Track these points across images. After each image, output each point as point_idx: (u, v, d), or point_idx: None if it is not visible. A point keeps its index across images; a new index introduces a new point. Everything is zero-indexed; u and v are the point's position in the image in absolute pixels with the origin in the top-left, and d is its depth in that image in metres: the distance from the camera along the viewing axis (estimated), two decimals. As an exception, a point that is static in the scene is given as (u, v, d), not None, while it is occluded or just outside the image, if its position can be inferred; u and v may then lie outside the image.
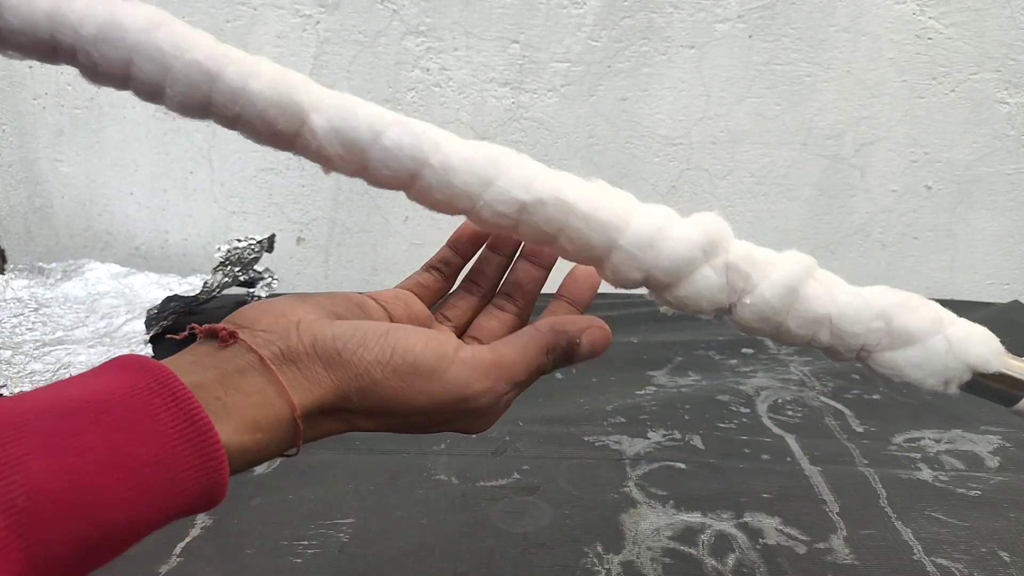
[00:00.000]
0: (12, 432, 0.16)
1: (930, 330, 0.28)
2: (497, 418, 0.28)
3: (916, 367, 0.28)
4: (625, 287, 0.28)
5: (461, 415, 0.25)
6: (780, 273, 0.28)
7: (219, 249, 0.70)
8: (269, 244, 0.76)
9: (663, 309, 0.30)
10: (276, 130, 0.26)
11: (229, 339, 0.22)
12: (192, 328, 0.23)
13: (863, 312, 0.28)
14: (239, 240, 0.72)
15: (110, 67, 0.25)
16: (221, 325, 0.23)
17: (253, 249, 0.73)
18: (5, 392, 0.57)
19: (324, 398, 0.22)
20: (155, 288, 0.77)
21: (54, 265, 0.78)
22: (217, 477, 0.19)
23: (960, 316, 0.30)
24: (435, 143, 0.27)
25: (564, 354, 0.27)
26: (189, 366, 0.21)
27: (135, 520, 0.17)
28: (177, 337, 0.23)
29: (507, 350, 0.26)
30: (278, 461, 0.52)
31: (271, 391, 0.21)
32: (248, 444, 0.20)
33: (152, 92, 0.25)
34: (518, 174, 0.28)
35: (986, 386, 0.30)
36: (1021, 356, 0.37)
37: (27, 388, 0.57)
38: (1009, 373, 0.30)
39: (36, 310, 0.73)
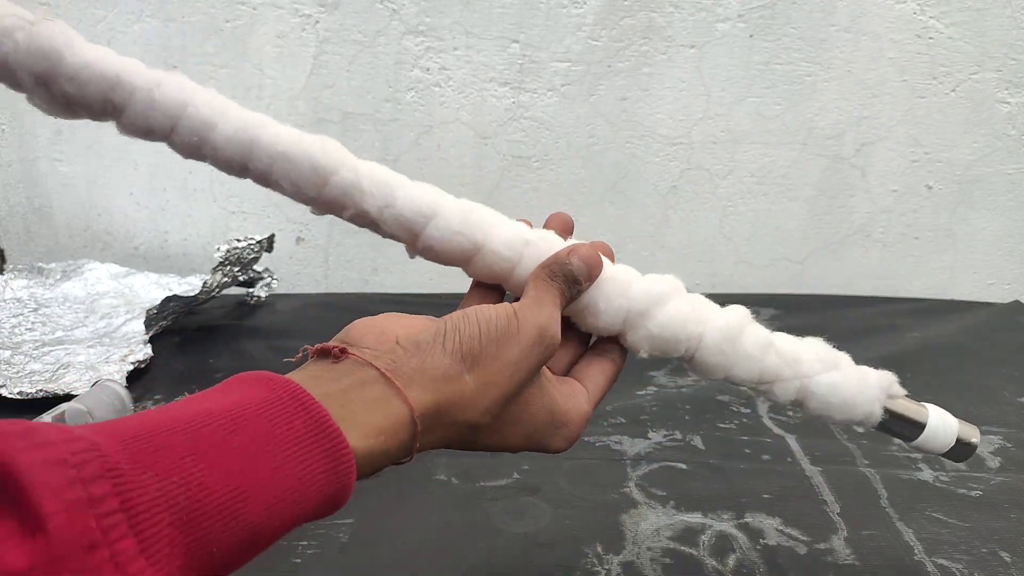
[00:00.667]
0: (167, 438, 0.17)
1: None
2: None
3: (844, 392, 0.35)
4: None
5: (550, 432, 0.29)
6: (722, 321, 0.34)
7: (218, 249, 0.70)
8: (268, 244, 0.76)
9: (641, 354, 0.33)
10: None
11: (341, 355, 0.24)
12: (305, 349, 0.25)
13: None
14: (238, 240, 0.72)
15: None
16: (332, 344, 0.25)
17: (252, 249, 0.73)
18: (4, 392, 0.56)
19: (439, 398, 0.24)
20: (155, 288, 0.77)
21: (53, 265, 0.78)
22: (345, 480, 0.21)
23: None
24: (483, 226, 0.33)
25: (566, 279, 0.30)
26: (310, 380, 0.22)
27: (275, 520, 0.19)
28: (293, 360, 0.26)
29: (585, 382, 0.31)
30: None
31: (389, 397, 0.23)
32: (372, 447, 0.22)
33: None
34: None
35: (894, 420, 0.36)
36: (1021, 359, 0.37)
37: (27, 388, 0.57)
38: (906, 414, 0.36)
39: (35, 310, 0.72)
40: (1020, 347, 0.71)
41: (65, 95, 0.28)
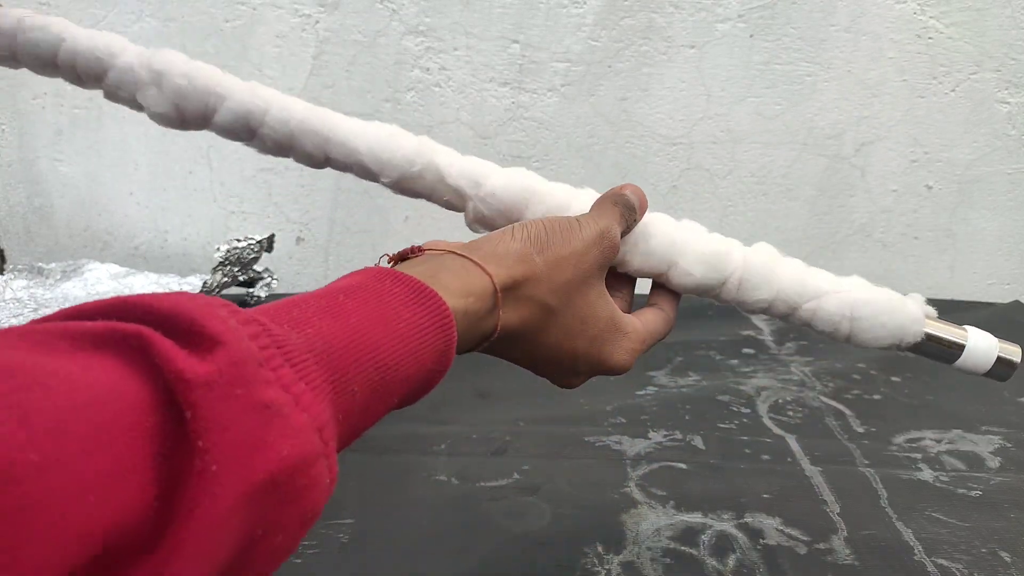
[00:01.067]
0: (292, 307, 0.20)
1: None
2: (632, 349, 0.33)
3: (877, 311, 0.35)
4: None
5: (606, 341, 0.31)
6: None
7: (218, 249, 0.70)
8: (268, 244, 0.76)
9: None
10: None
11: (418, 252, 0.28)
12: (384, 256, 0.29)
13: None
14: (238, 240, 0.72)
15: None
16: (406, 249, 0.29)
17: (252, 249, 0.73)
18: None
19: (514, 273, 0.27)
20: (154, 288, 0.77)
21: (53, 265, 0.78)
22: (448, 333, 0.24)
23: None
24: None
25: (625, 204, 0.33)
26: (401, 268, 0.26)
27: (400, 366, 0.22)
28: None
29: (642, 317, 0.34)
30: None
31: (470, 269, 0.27)
32: (465, 307, 0.25)
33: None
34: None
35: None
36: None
37: None
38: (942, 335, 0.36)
39: (36, 311, 0.72)
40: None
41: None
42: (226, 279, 0.72)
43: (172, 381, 0.15)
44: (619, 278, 0.36)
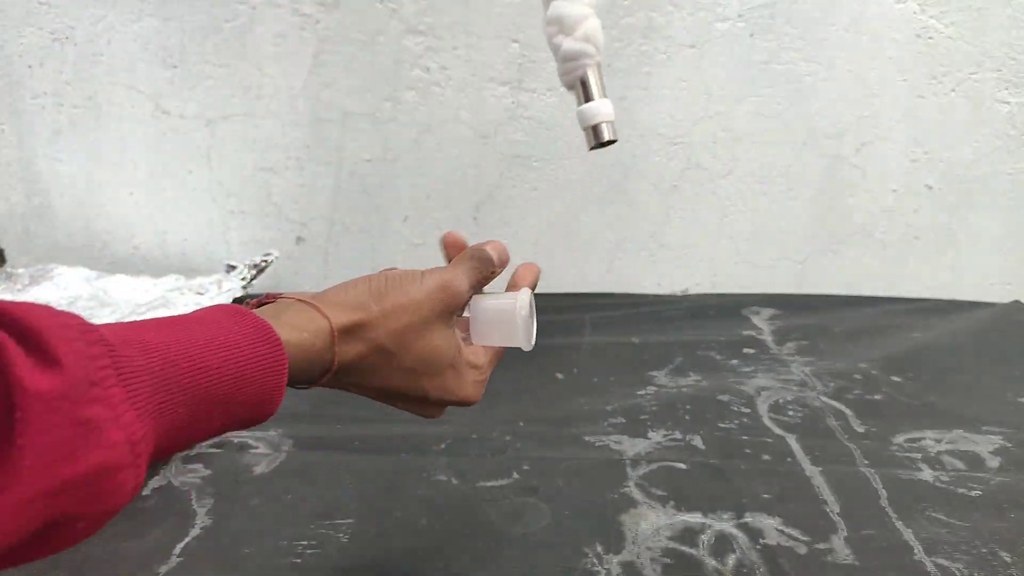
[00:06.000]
0: (149, 330, 0.24)
1: None
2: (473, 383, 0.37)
3: None
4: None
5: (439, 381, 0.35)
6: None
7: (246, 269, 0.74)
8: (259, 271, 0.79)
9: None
10: None
11: (272, 298, 0.32)
12: (248, 302, 0.32)
13: None
14: (265, 259, 0.76)
15: None
16: (264, 293, 0.33)
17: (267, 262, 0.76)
18: None
19: (352, 317, 0.31)
20: (129, 290, 0.77)
21: (21, 271, 0.79)
22: (280, 361, 0.27)
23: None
24: None
25: (481, 259, 0.36)
26: (256, 311, 0.30)
27: (231, 392, 0.25)
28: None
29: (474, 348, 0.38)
30: (278, 461, 0.52)
31: (312, 312, 0.30)
32: (299, 340, 0.29)
33: None
34: None
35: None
36: (1022, 359, 0.37)
37: None
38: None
39: None
40: (1020, 347, 0.71)
41: None
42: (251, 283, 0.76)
43: (11, 385, 0.19)
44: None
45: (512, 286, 0.39)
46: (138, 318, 0.76)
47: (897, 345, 0.71)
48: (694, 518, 0.46)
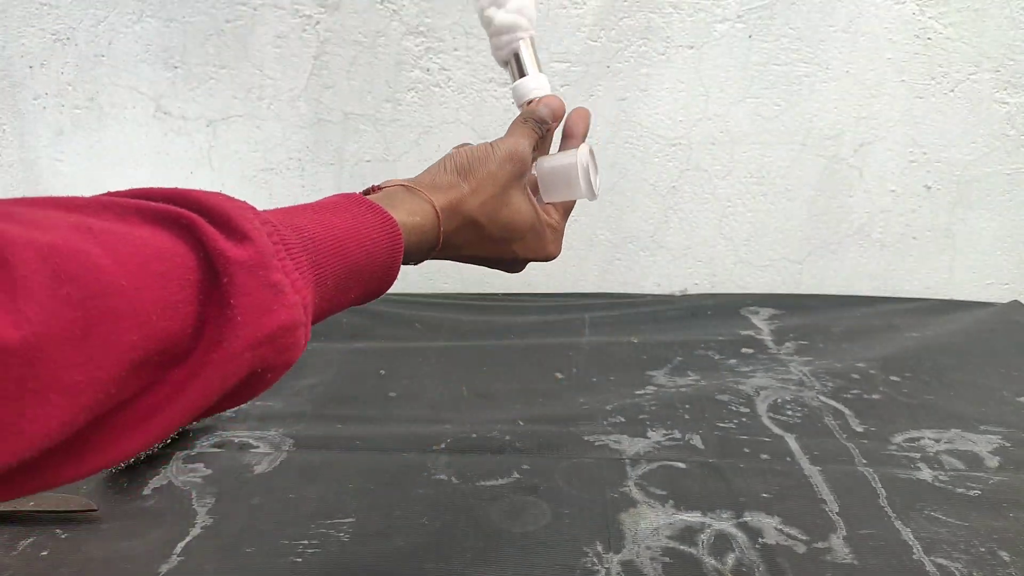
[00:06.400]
0: (295, 214, 0.27)
1: None
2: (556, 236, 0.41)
3: None
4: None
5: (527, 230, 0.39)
6: None
7: None
8: None
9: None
10: None
11: (377, 189, 0.35)
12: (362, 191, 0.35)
13: None
14: None
15: None
16: (369, 187, 0.36)
17: None
18: None
19: (449, 197, 0.35)
20: None
21: None
22: (396, 241, 0.31)
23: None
24: None
25: (536, 120, 0.40)
26: (369, 197, 0.33)
27: (361, 267, 0.29)
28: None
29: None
30: (279, 460, 0.52)
31: (416, 196, 0.34)
32: (412, 223, 0.32)
33: None
34: None
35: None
36: (1020, 358, 0.37)
37: None
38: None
39: None
40: (1019, 347, 0.71)
41: None
42: None
43: (215, 255, 0.22)
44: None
45: (566, 136, 0.42)
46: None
47: (895, 345, 0.71)
48: (693, 517, 0.46)
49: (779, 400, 0.61)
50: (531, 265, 0.41)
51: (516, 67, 0.42)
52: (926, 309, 0.80)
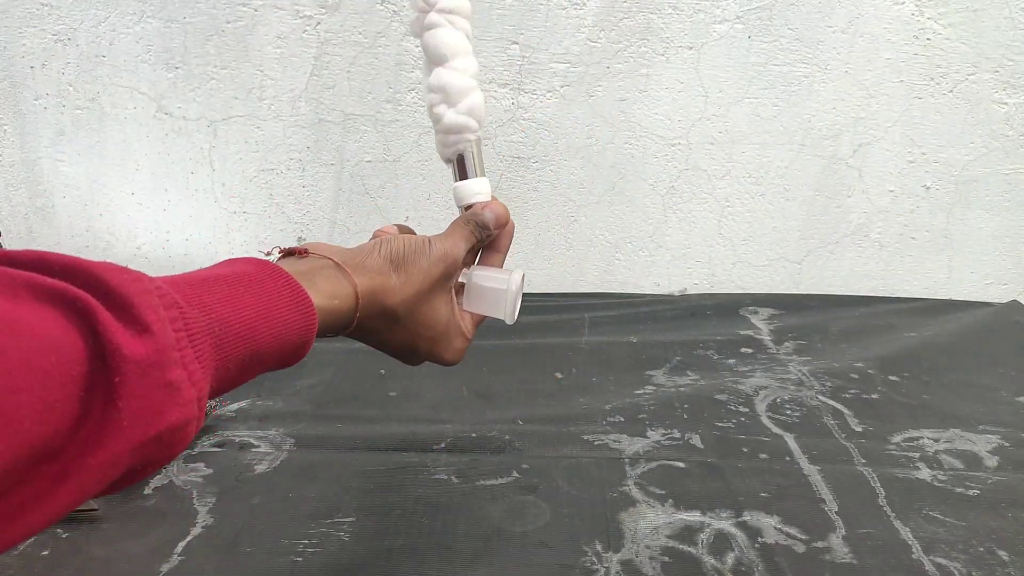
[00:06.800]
0: (203, 290, 0.26)
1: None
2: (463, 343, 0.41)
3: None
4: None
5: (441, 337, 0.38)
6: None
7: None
8: None
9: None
10: None
11: (304, 254, 0.33)
12: (273, 249, 0.34)
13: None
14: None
15: None
16: (295, 247, 0.34)
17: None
18: None
19: (373, 284, 0.34)
20: None
21: None
22: (311, 325, 0.29)
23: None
24: None
25: (478, 223, 0.40)
26: (284, 264, 0.32)
27: (268, 351, 0.27)
28: (266, 253, 0.34)
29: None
30: (279, 460, 0.53)
31: (340, 276, 0.33)
32: (329, 306, 0.31)
33: None
34: None
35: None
36: (1019, 358, 0.38)
37: None
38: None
39: None
40: (1017, 347, 0.71)
41: None
42: None
43: (109, 349, 0.20)
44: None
45: (491, 248, 0.42)
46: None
47: (894, 344, 0.71)
48: (693, 517, 0.46)
49: (778, 400, 0.61)
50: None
51: (460, 168, 0.42)
52: (924, 309, 0.80)
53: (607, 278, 0.86)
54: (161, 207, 0.85)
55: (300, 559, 0.42)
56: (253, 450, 0.54)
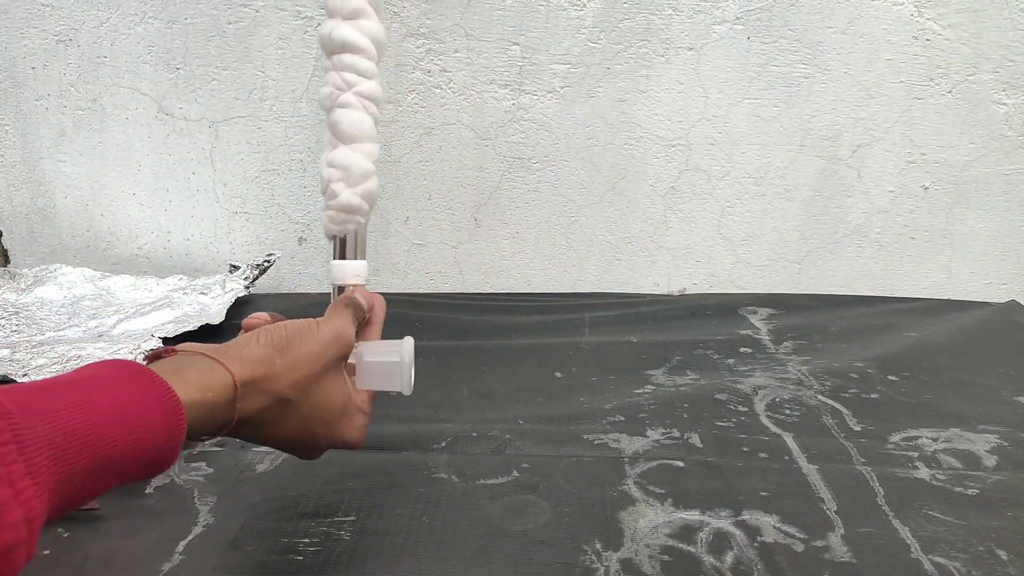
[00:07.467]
0: (46, 396, 0.23)
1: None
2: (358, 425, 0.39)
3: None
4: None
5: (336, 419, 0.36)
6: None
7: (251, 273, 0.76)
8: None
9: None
10: None
11: (169, 352, 0.31)
12: (144, 352, 0.31)
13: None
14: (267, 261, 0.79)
15: None
16: (160, 348, 0.32)
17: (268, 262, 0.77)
18: (27, 380, 0.58)
19: (254, 372, 0.31)
20: (131, 290, 0.78)
21: (25, 271, 0.79)
22: (180, 427, 0.27)
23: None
24: None
25: (355, 306, 0.40)
26: (153, 366, 0.29)
27: (127, 461, 0.25)
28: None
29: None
30: (280, 459, 0.53)
31: (214, 366, 0.30)
32: (202, 399, 0.29)
33: None
34: None
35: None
36: (1021, 359, 0.38)
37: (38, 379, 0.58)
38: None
39: (16, 313, 0.74)
40: (1016, 346, 0.71)
41: None
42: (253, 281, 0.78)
43: None
44: None
45: (369, 322, 0.42)
46: (142, 318, 0.77)
47: (893, 344, 0.71)
48: (692, 515, 0.46)
49: (777, 399, 0.61)
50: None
51: (342, 247, 0.42)
52: (924, 309, 0.80)
53: (607, 278, 0.87)
54: (162, 207, 0.85)
55: (301, 558, 0.43)
56: (254, 449, 0.54)
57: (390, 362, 0.39)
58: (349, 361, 0.39)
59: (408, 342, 0.40)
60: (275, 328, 0.34)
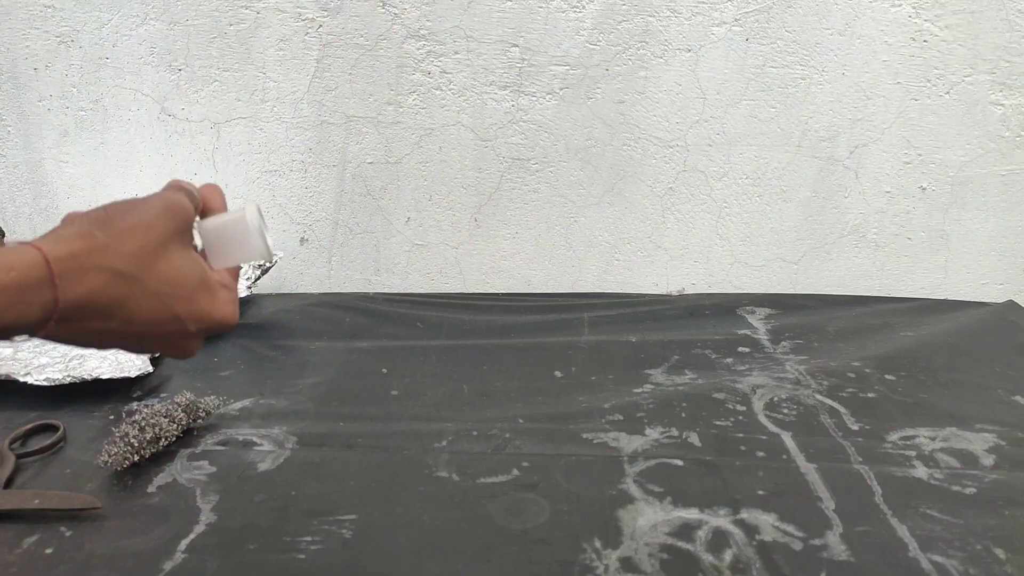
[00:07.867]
0: None
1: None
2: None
3: None
4: None
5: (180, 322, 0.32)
6: None
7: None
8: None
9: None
10: None
11: None
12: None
13: None
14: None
15: None
16: None
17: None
18: (30, 380, 0.60)
19: (72, 247, 0.28)
20: None
21: None
22: None
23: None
24: None
25: (187, 188, 0.35)
26: None
27: None
28: None
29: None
30: (282, 458, 0.53)
31: (20, 248, 0.28)
32: (3, 281, 0.26)
33: None
34: None
35: None
36: (1017, 358, 0.38)
37: (55, 375, 0.60)
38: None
39: None
40: (1013, 346, 0.71)
41: None
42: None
43: None
44: None
45: (207, 209, 0.37)
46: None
47: (890, 344, 0.72)
48: (691, 514, 0.47)
49: (775, 398, 0.61)
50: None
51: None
52: (921, 309, 0.81)
53: (606, 278, 0.87)
54: (163, 208, 0.86)
55: (303, 556, 0.43)
56: (256, 448, 0.54)
57: (234, 220, 0.34)
58: (195, 244, 0.35)
59: (252, 205, 0.35)
60: (93, 209, 0.31)
